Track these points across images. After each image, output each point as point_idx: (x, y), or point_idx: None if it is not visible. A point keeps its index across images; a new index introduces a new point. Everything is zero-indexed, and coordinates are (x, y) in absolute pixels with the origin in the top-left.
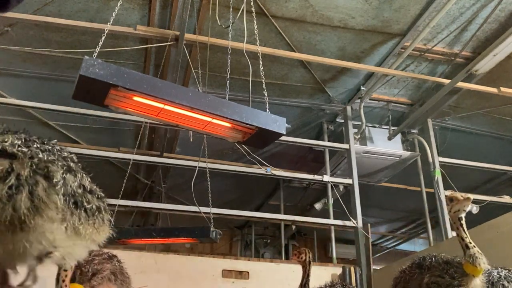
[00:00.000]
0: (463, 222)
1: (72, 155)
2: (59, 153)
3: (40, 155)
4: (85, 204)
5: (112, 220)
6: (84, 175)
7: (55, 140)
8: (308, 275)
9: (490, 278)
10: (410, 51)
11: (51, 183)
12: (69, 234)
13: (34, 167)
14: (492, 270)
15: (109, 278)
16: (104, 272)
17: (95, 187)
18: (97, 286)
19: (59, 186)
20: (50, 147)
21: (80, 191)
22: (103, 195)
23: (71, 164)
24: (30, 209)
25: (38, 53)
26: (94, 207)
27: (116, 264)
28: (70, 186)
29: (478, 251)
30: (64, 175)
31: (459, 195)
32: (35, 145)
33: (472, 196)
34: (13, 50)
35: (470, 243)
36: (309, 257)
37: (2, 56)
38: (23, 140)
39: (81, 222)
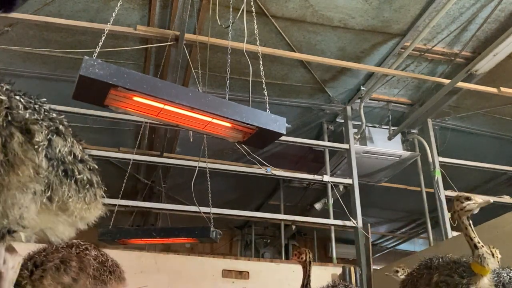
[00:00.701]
0: (471, 222)
1: (63, 117)
2: (46, 113)
3: (21, 111)
4: (76, 174)
5: (105, 196)
6: (75, 141)
7: (45, 99)
8: (309, 276)
9: (501, 279)
10: (410, 51)
11: (30, 140)
12: (53, 208)
13: (10, 118)
14: (500, 270)
15: (56, 267)
16: (48, 263)
17: (87, 156)
18: (40, 282)
19: (40, 147)
20: (37, 106)
21: (70, 158)
22: (96, 167)
23: (60, 127)
24: (3, 163)
25: (38, 53)
26: (85, 178)
27: (75, 251)
28: (59, 150)
29: (486, 251)
30: (50, 136)
31: (477, 196)
32: (17, 97)
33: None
34: (13, 50)
35: (479, 243)
36: (309, 257)
37: (2, 56)
38: (3, 89)
39: (71, 194)
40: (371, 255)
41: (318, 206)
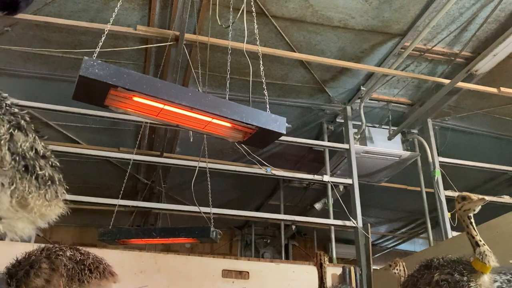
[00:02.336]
0: (472, 220)
1: (25, 113)
2: (7, 107)
3: None
4: (38, 170)
5: (66, 194)
6: (37, 137)
7: (6, 94)
8: (322, 278)
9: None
10: (410, 51)
11: None
12: (13, 204)
13: None
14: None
15: (27, 273)
16: (20, 271)
17: (49, 153)
18: None
19: (2, 140)
20: None
21: (32, 154)
22: (58, 164)
23: (22, 122)
24: None
25: (38, 53)
26: (47, 174)
27: (46, 254)
28: (20, 146)
29: (487, 249)
30: (11, 131)
31: (473, 195)
32: None
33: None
34: (13, 50)
35: (480, 240)
36: (321, 259)
37: (2, 56)
38: None
39: (31, 190)
40: (371, 255)
41: (318, 206)
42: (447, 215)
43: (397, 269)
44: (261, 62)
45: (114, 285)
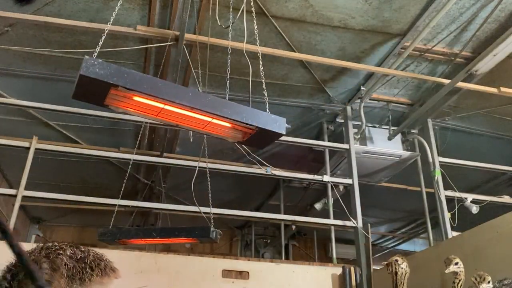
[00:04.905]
0: None
1: None
2: None
3: None
4: None
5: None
6: None
7: None
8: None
9: None
10: (410, 51)
11: None
12: None
13: None
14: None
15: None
16: (22, 271)
17: None
18: None
19: None
20: None
21: None
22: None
23: None
24: None
25: (38, 53)
26: None
27: (45, 253)
28: None
29: None
30: None
31: None
32: None
33: (472, 196)
34: (13, 50)
35: None
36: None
37: (2, 56)
38: None
39: None
40: (371, 255)
41: (318, 206)
42: (447, 215)
43: (403, 265)
44: (260, 62)
45: (115, 283)
